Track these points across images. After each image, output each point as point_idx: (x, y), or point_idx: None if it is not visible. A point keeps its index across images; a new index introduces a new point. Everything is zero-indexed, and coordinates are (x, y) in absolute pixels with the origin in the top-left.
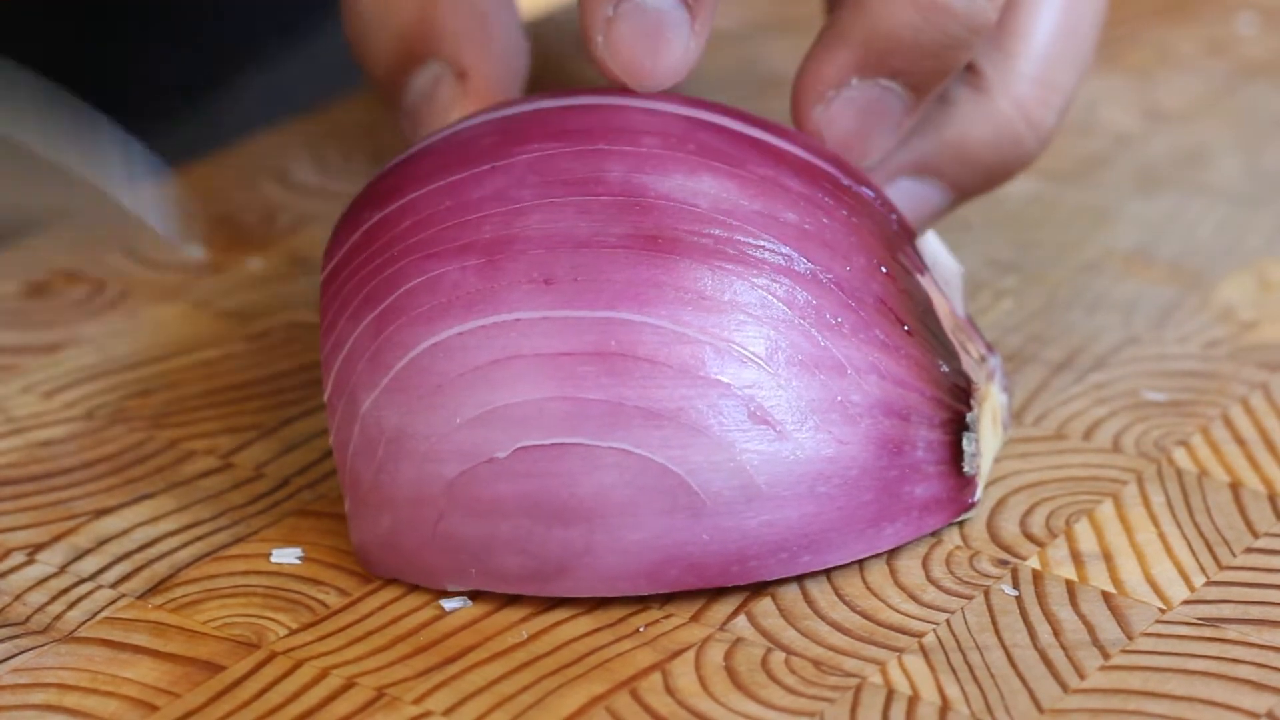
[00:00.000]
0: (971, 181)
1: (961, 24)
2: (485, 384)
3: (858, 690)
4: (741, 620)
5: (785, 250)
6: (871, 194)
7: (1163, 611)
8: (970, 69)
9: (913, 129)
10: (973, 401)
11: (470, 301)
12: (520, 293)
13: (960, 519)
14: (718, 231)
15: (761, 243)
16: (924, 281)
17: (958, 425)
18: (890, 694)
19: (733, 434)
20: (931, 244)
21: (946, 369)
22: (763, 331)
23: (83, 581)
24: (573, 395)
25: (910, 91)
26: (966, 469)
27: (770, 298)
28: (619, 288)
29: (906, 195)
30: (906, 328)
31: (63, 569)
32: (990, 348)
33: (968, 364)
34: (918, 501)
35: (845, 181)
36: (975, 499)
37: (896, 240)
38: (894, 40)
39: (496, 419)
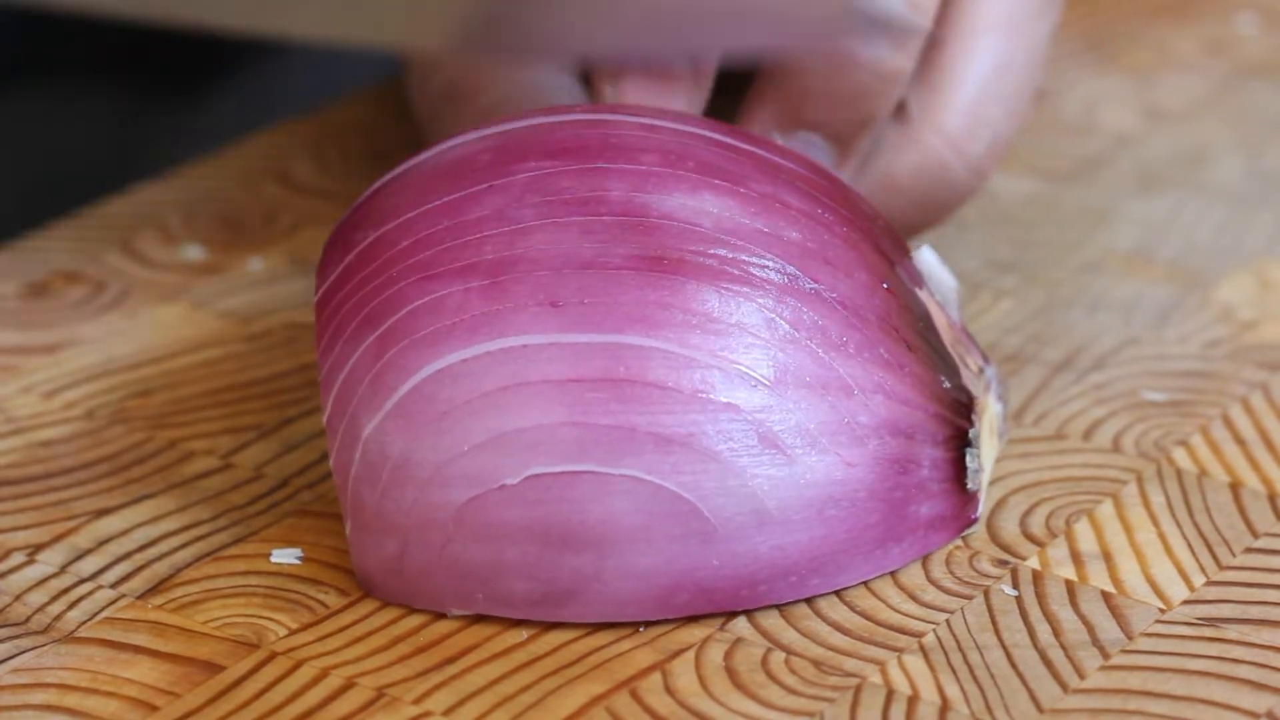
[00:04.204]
0: (904, 214)
1: (869, 72)
2: (494, 410)
3: (858, 690)
4: (741, 620)
5: (790, 270)
6: (865, 207)
7: (1163, 611)
8: (897, 106)
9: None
10: (974, 417)
11: (475, 325)
12: (527, 315)
13: (964, 534)
14: (722, 252)
15: (766, 262)
16: (922, 295)
17: (960, 442)
18: (890, 694)
19: (743, 459)
20: (927, 257)
21: (948, 385)
22: (770, 354)
23: (83, 581)
24: (583, 421)
25: (833, 144)
26: (970, 485)
27: (777, 319)
28: (626, 310)
29: None
30: (908, 344)
31: (63, 569)
32: (986, 357)
33: (967, 378)
34: (923, 520)
35: (840, 196)
36: (977, 514)
37: (894, 254)
38: (805, 92)
39: (506, 445)
